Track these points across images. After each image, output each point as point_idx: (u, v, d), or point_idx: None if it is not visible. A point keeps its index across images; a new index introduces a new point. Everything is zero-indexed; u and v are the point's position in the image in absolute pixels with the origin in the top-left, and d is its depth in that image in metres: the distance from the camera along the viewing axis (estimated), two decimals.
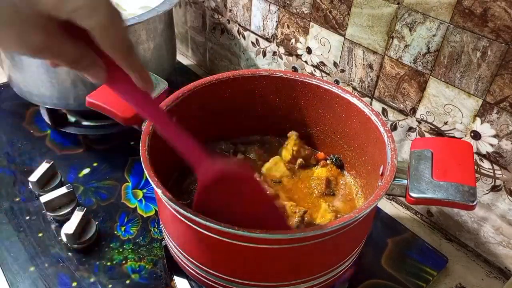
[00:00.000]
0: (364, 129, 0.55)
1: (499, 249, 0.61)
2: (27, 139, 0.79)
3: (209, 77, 0.58)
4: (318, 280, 0.47)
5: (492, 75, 0.52)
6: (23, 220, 0.65)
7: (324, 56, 0.72)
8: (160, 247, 0.61)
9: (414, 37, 0.58)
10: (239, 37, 0.89)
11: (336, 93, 0.57)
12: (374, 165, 0.53)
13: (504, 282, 0.61)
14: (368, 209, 0.41)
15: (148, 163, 0.45)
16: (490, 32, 0.50)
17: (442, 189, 0.43)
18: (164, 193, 0.42)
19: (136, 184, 0.71)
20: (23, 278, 0.57)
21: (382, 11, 0.60)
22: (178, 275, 0.58)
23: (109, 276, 0.58)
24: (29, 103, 0.78)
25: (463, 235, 0.65)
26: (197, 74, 1.02)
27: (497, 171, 0.57)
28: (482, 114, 0.55)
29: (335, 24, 0.67)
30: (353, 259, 0.51)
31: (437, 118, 0.61)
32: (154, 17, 0.71)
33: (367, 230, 0.53)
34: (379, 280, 0.59)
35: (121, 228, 0.64)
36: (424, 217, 0.70)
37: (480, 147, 0.57)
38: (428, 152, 0.47)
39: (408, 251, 0.63)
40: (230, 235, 0.41)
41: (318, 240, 0.42)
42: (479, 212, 0.61)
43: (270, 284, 0.46)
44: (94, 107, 0.54)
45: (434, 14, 0.55)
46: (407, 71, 0.61)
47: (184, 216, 0.41)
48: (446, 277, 0.62)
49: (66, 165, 0.74)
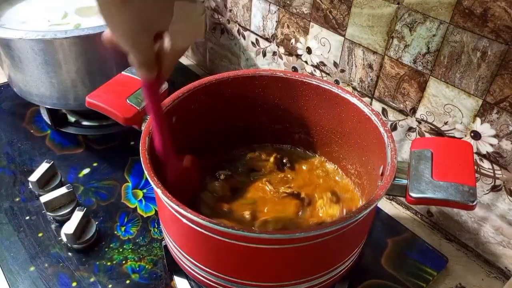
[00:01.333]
0: (364, 129, 0.55)
1: (499, 249, 0.61)
2: (27, 139, 0.79)
3: (209, 77, 0.58)
4: (318, 280, 0.47)
5: (492, 75, 0.52)
6: (23, 220, 0.65)
7: (324, 56, 0.72)
8: (160, 247, 0.61)
9: (414, 37, 0.58)
10: (239, 37, 0.89)
11: (336, 93, 0.57)
12: (374, 165, 0.53)
13: (504, 282, 0.61)
14: (368, 209, 0.41)
15: (148, 163, 0.45)
16: (490, 32, 0.50)
17: (442, 189, 0.43)
18: (164, 193, 0.42)
19: (136, 184, 0.71)
20: (23, 278, 0.57)
21: (382, 11, 0.60)
22: (178, 275, 0.58)
23: (109, 276, 0.58)
24: (29, 103, 0.78)
25: (463, 235, 0.65)
26: (197, 74, 1.02)
27: (497, 171, 0.57)
28: (482, 114, 0.55)
29: (335, 24, 0.67)
30: (353, 259, 0.51)
31: (437, 118, 0.61)
32: None
33: (367, 230, 0.53)
34: (379, 280, 0.59)
35: (121, 228, 0.64)
36: (424, 217, 0.70)
37: (480, 147, 0.57)
38: (428, 152, 0.47)
39: (408, 251, 0.63)
40: (230, 235, 0.41)
41: (318, 240, 0.42)
42: (479, 212, 0.61)
43: (270, 284, 0.46)
44: (94, 107, 0.54)
45: (434, 14, 0.55)
46: (407, 71, 0.61)
47: (184, 216, 0.41)
48: (446, 277, 0.62)
49: (66, 165, 0.74)
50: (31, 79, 0.71)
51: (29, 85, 0.73)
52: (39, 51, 0.67)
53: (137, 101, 0.54)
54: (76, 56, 0.68)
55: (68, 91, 0.72)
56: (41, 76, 0.70)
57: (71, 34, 0.65)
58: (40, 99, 0.74)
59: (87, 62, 0.70)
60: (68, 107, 0.77)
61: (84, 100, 0.54)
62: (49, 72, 0.69)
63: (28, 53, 0.67)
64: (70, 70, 0.69)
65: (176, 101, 0.54)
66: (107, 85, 0.57)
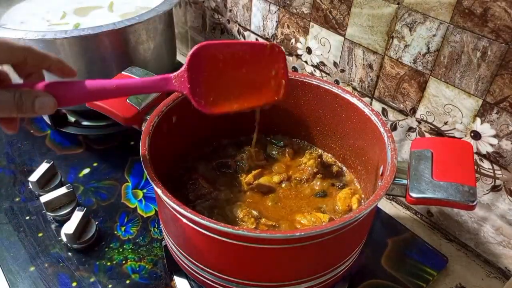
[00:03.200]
0: (364, 129, 0.55)
1: (499, 249, 0.61)
2: (27, 139, 0.79)
3: None
4: (318, 280, 0.47)
5: (492, 75, 0.52)
6: (23, 220, 0.65)
7: (324, 56, 0.72)
8: (160, 247, 0.61)
9: (414, 37, 0.58)
10: (239, 37, 0.89)
11: (336, 93, 0.57)
12: (374, 165, 0.53)
13: (504, 282, 0.61)
14: (368, 209, 0.41)
15: (148, 163, 0.45)
16: (490, 32, 0.50)
17: (442, 189, 0.43)
18: (164, 193, 0.42)
19: (136, 184, 0.71)
20: (23, 278, 0.57)
21: (382, 11, 0.60)
22: (178, 275, 0.58)
23: (109, 276, 0.58)
24: None
25: (463, 235, 0.65)
26: None
27: (497, 171, 0.57)
28: (482, 114, 0.55)
29: (335, 24, 0.67)
30: (353, 259, 0.51)
31: (437, 118, 0.61)
32: (154, 17, 0.71)
33: (367, 230, 0.53)
34: (379, 280, 0.59)
35: (121, 228, 0.64)
36: (424, 217, 0.70)
37: (480, 147, 0.57)
38: (428, 152, 0.47)
39: (408, 251, 0.63)
40: (230, 235, 0.41)
41: (318, 240, 0.42)
42: (479, 212, 0.61)
43: (270, 284, 0.46)
44: (94, 107, 0.54)
45: (434, 14, 0.55)
46: (407, 71, 0.61)
47: (184, 216, 0.42)
48: (446, 277, 0.62)
49: (66, 165, 0.74)
50: None
51: None
52: None
53: (137, 101, 0.54)
54: (76, 56, 0.68)
55: None
56: None
57: (71, 34, 0.65)
58: None
59: (87, 62, 0.70)
60: (68, 107, 0.77)
61: None
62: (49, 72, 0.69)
63: None
64: None
65: (176, 101, 0.54)
66: None
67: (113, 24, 0.67)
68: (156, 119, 0.51)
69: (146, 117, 0.53)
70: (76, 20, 0.77)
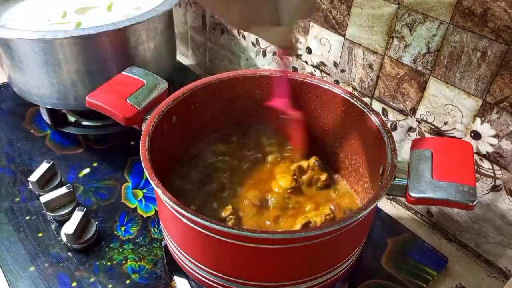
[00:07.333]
0: (364, 129, 0.55)
1: (499, 249, 0.61)
2: (27, 139, 0.79)
3: (209, 77, 0.58)
4: (318, 280, 0.47)
5: (492, 75, 0.52)
6: (23, 220, 0.65)
7: (324, 56, 0.72)
8: (160, 247, 0.61)
9: (414, 37, 0.58)
10: (239, 37, 0.89)
11: (336, 93, 0.57)
12: (374, 165, 0.53)
13: (504, 282, 0.61)
14: (368, 209, 0.41)
15: (148, 163, 0.45)
16: (490, 32, 0.50)
17: (442, 189, 0.43)
18: (164, 193, 0.42)
19: (136, 184, 0.71)
20: (23, 278, 0.57)
21: (382, 11, 0.60)
22: (178, 275, 0.58)
23: (109, 276, 0.58)
24: (29, 103, 0.78)
25: (463, 235, 0.65)
26: (197, 74, 1.02)
27: (497, 171, 0.57)
28: (482, 114, 0.55)
29: (335, 24, 0.67)
30: (353, 259, 0.51)
31: (437, 118, 0.61)
32: (154, 17, 0.71)
33: (367, 230, 0.53)
34: (379, 280, 0.59)
35: (121, 228, 0.64)
36: (424, 217, 0.70)
37: (480, 147, 0.57)
38: (428, 152, 0.47)
39: (408, 251, 0.63)
40: (230, 235, 0.41)
41: (318, 240, 0.42)
42: (479, 212, 0.61)
43: (270, 284, 0.46)
44: (94, 107, 0.54)
45: (434, 14, 0.55)
46: (407, 71, 0.61)
47: (184, 216, 0.42)
48: (446, 277, 0.62)
49: (66, 165, 0.74)
50: (31, 79, 0.71)
51: (29, 85, 0.73)
52: (39, 51, 0.67)
53: (137, 101, 0.54)
54: (76, 56, 0.68)
55: (68, 91, 0.72)
56: (41, 76, 0.70)
57: (71, 34, 0.65)
58: (40, 99, 0.74)
59: (87, 62, 0.70)
60: (68, 107, 0.77)
61: (84, 100, 0.54)
62: (49, 72, 0.69)
63: (28, 53, 0.67)
64: (70, 70, 0.69)
65: (176, 101, 0.54)
66: (107, 85, 0.57)
67: (113, 24, 0.67)
68: (156, 119, 0.51)
69: (146, 117, 0.53)
70: (78, 18, 0.77)
